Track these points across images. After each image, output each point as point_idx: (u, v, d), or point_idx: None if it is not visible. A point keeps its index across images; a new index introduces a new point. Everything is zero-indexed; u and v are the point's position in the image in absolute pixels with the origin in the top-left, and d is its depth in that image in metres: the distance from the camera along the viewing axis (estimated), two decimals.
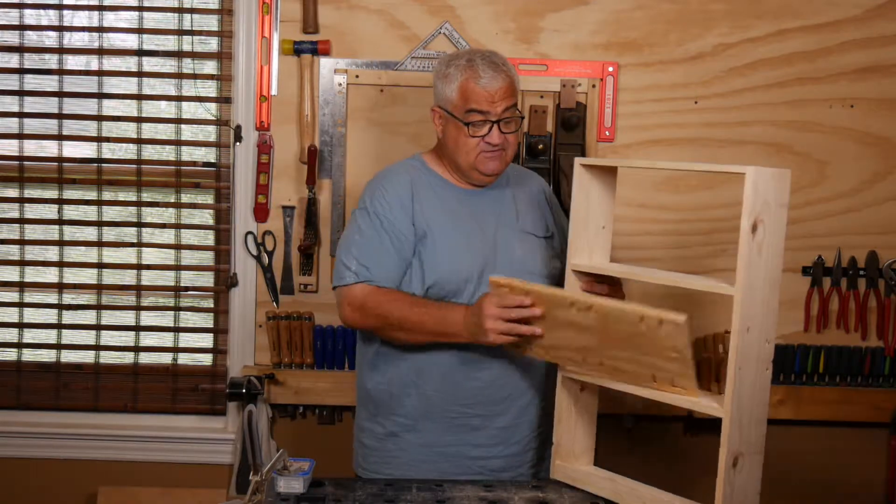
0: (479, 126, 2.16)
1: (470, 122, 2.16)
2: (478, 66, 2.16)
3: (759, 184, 1.74)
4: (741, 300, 1.75)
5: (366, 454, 2.32)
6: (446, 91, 2.19)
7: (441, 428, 2.24)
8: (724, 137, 2.96)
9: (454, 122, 2.18)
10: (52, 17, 3.00)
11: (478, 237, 2.23)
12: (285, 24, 2.91)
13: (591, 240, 2.04)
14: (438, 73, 2.23)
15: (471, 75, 2.16)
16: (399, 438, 2.26)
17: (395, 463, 2.26)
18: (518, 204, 2.31)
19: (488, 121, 2.16)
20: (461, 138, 2.18)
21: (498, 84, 2.15)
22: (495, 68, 2.16)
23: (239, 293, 3.00)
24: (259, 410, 2.80)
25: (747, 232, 1.73)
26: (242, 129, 2.95)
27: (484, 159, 2.19)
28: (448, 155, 2.24)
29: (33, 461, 3.07)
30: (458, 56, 2.22)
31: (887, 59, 2.94)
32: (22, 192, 3.04)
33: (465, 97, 2.16)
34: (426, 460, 2.24)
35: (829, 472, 3.09)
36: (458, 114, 2.17)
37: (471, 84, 2.15)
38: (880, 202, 2.98)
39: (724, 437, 1.77)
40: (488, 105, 2.15)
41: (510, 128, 2.19)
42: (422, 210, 2.22)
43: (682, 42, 2.93)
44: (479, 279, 2.20)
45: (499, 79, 2.16)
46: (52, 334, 3.09)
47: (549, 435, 2.23)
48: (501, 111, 2.16)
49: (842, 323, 3.01)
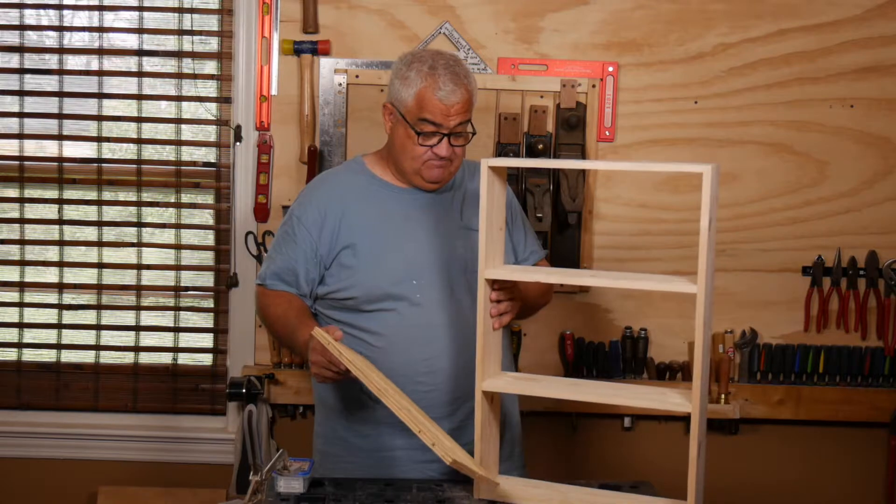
0: (428, 136, 2.11)
1: (421, 131, 2.11)
2: (439, 77, 2.10)
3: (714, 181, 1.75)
4: (704, 299, 1.76)
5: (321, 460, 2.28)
6: (403, 93, 2.13)
7: (390, 432, 2.19)
8: (724, 137, 2.96)
9: (405, 126, 2.13)
10: (52, 17, 3.00)
11: (412, 239, 2.20)
12: (285, 24, 2.91)
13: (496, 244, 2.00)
14: (398, 72, 2.16)
15: (430, 84, 2.10)
16: (349, 444, 2.24)
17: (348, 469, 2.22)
18: (464, 200, 2.27)
19: (439, 133, 2.11)
20: (409, 144, 2.14)
21: (456, 98, 2.10)
22: (456, 81, 2.11)
23: (239, 293, 3.00)
24: (259, 410, 2.80)
25: (706, 230, 1.75)
26: (242, 129, 2.95)
27: (430, 167, 2.15)
28: (394, 155, 2.20)
29: (33, 461, 3.07)
30: (421, 59, 2.14)
31: (887, 59, 2.94)
32: (22, 192, 3.04)
33: (421, 106, 2.10)
34: (377, 465, 2.21)
35: (828, 472, 3.09)
36: (410, 119, 2.12)
37: (428, 94, 2.10)
38: (880, 202, 2.99)
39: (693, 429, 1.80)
40: (442, 118, 2.10)
41: (459, 141, 2.14)
42: (348, 224, 2.19)
43: (682, 42, 2.93)
44: (419, 281, 2.17)
45: (458, 93, 2.10)
46: (53, 334, 3.09)
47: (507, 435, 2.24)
48: (454, 125, 2.12)
49: (842, 323, 3.02)
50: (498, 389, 1.98)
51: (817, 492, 3.09)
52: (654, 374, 3.01)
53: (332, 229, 2.20)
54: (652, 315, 2.99)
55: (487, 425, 2.00)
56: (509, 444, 2.31)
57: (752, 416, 2.99)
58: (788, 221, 2.99)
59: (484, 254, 1.94)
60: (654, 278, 1.95)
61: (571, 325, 2.99)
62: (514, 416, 2.35)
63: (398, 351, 2.17)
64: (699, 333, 1.80)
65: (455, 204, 2.27)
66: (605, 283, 1.97)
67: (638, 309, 3.00)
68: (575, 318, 2.99)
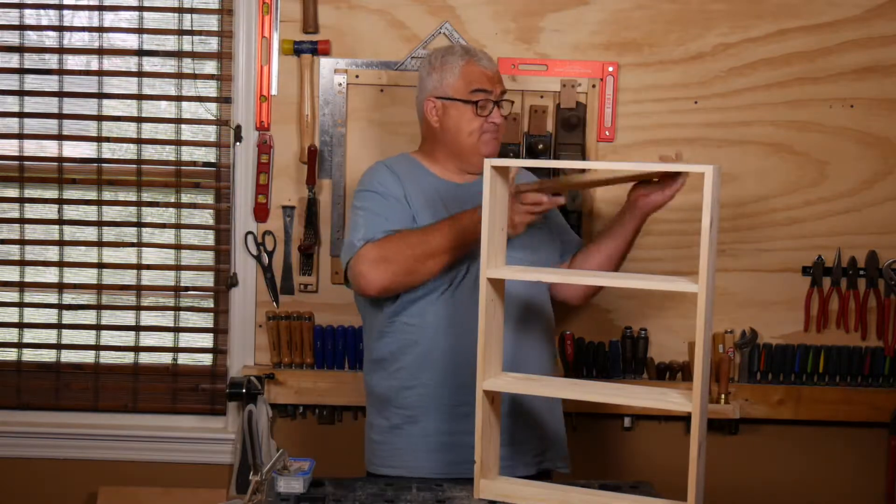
0: (483, 106, 2.29)
1: (476, 101, 2.29)
2: (473, 53, 2.35)
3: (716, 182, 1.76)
4: (705, 299, 1.77)
5: (374, 449, 2.36)
6: (447, 78, 2.32)
7: (441, 418, 2.26)
8: (724, 137, 2.96)
9: (456, 106, 2.31)
10: (52, 17, 3.00)
11: None
12: (285, 24, 2.91)
13: (498, 244, 2.01)
14: (433, 66, 2.36)
15: (470, 59, 2.33)
16: (402, 430, 2.29)
17: (400, 455, 2.29)
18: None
19: (490, 100, 2.30)
20: (464, 121, 2.30)
21: (494, 67, 2.37)
22: (488, 57, 2.38)
23: (239, 293, 3.00)
24: (259, 410, 2.80)
25: (707, 230, 1.75)
26: (242, 129, 2.95)
27: (486, 141, 2.31)
28: (447, 143, 2.34)
29: (33, 461, 3.07)
30: (448, 49, 2.39)
31: (887, 59, 2.94)
32: (22, 192, 3.04)
33: (469, 79, 2.31)
34: (429, 450, 2.26)
35: (828, 472, 3.09)
36: (461, 96, 2.30)
37: (472, 66, 2.32)
38: (880, 202, 2.98)
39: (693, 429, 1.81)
40: (490, 84, 2.31)
41: (505, 110, 2.35)
42: (409, 197, 2.29)
43: (682, 42, 2.93)
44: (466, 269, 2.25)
45: (493, 63, 2.37)
46: (52, 334, 3.09)
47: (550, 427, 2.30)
48: (499, 93, 2.33)
49: (842, 323, 3.01)
50: (498, 389, 1.98)
51: (817, 492, 3.09)
52: (654, 374, 3.01)
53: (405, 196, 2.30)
54: (652, 315, 2.99)
55: (488, 425, 2.00)
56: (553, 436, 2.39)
57: (752, 416, 2.99)
58: (788, 221, 2.99)
59: (485, 253, 1.94)
60: (655, 278, 1.95)
61: (571, 325, 2.99)
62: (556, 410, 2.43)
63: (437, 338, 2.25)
64: (700, 333, 1.80)
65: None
66: (605, 283, 1.97)
67: (638, 309, 3.00)
68: (575, 318, 2.99)
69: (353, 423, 3.05)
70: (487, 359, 1.97)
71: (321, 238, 2.96)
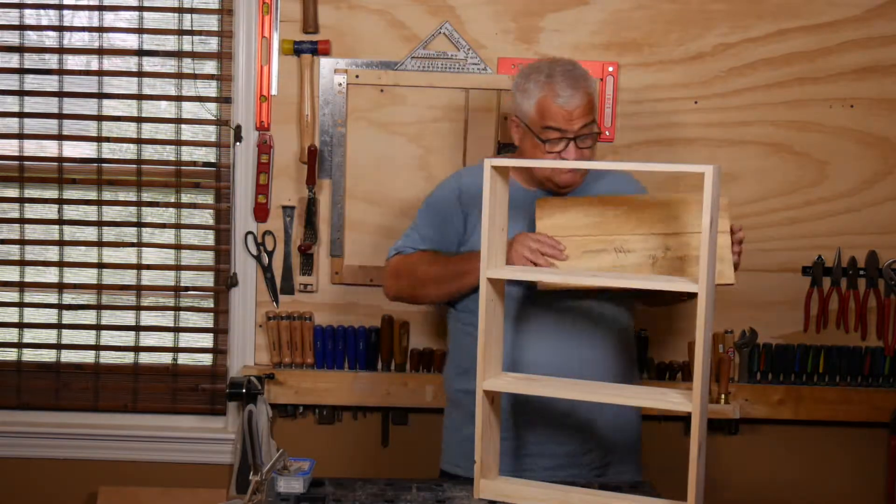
0: (555, 143, 2.19)
1: (546, 139, 2.19)
2: (556, 84, 2.18)
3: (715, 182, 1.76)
4: (705, 299, 1.77)
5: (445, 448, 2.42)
6: (524, 105, 2.23)
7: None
8: (724, 137, 2.96)
9: (531, 137, 2.23)
10: (52, 17, 3.00)
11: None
12: (285, 24, 2.91)
13: (498, 244, 2.01)
14: (518, 86, 2.26)
15: (549, 93, 2.18)
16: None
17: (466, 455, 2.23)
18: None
19: (565, 138, 2.18)
20: (537, 153, 2.22)
21: (576, 103, 2.18)
22: (574, 85, 2.18)
23: (239, 293, 3.00)
24: (259, 410, 2.80)
25: (706, 229, 1.76)
26: (242, 129, 2.95)
27: (559, 173, 2.21)
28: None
29: (33, 461, 3.07)
30: (538, 70, 2.23)
31: (887, 59, 2.94)
32: (22, 192, 3.04)
33: (543, 114, 2.19)
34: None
35: (828, 472, 3.09)
36: (534, 129, 2.21)
37: (548, 101, 2.18)
38: (880, 202, 2.98)
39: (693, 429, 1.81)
40: (565, 123, 2.18)
41: (586, 143, 2.21)
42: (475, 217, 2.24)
43: (682, 42, 2.93)
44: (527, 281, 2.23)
45: (577, 97, 2.18)
46: (52, 334, 3.09)
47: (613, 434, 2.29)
48: (578, 128, 2.19)
49: (842, 323, 3.01)
50: (498, 389, 1.98)
51: (817, 492, 3.09)
52: (654, 374, 3.01)
53: (463, 216, 2.31)
54: (652, 315, 2.99)
55: (487, 425, 2.00)
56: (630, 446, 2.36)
57: (752, 416, 2.99)
58: (788, 221, 2.99)
59: (486, 254, 1.94)
60: (655, 278, 1.95)
61: None
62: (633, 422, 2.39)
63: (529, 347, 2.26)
64: (700, 333, 1.80)
65: None
66: (605, 283, 1.97)
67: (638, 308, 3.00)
68: None
69: (353, 423, 3.05)
70: (487, 359, 1.97)
71: (321, 238, 2.96)
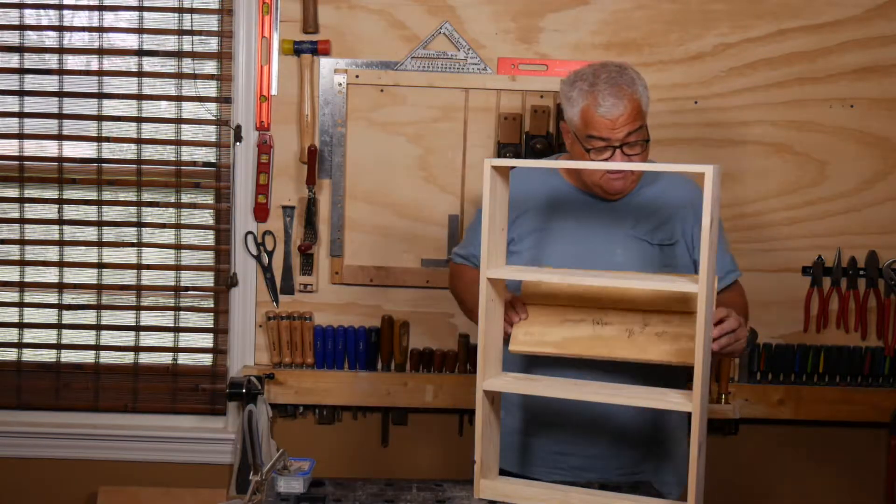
0: (600, 151, 2.14)
1: (591, 147, 2.14)
2: (598, 93, 2.12)
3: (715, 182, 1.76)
4: (705, 299, 1.77)
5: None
6: (570, 112, 2.18)
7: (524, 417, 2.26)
8: (724, 137, 2.96)
9: (578, 144, 2.18)
10: (52, 17, 3.00)
11: (573, 241, 2.23)
12: (285, 24, 2.91)
13: (498, 244, 2.00)
14: (564, 93, 2.20)
15: (591, 102, 2.12)
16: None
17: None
18: (640, 209, 2.26)
19: (610, 146, 2.13)
20: (585, 160, 2.16)
21: (619, 111, 2.11)
22: (618, 94, 2.11)
23: (239, 293, 3.00)
24: (259, 410, 2.80)
25: (707, 229, 1.76)
26: (242, 129, 2.95)
27: (608, 180, 2.17)
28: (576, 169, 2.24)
29: (33, 461, 3.07)
30: (583, 77, 2.17)
31: (887, 59, 2.94)
32: (22, 192, 3.04)
33: (586, 123, 2.14)
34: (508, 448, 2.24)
35: (828, 472, 3.09)
36: (580, 136, 2.16)
37: (591, 111, 2.12)
38: (880, 202, 2.98)
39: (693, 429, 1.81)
40: (609, 132, 2.12)
41: (634, 150, 2.15)
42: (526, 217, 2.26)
43: (682, 42, 2.93)
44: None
45: (620, 105, 2.11)
46: (52, 334, 3.09)
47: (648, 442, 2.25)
48: (624, 136, 2.12)
49: (842, 323, 3.01)
50: (498, 389, 1.98)
51: (817, 492, 3.09)
52: None
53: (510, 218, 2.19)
54: None
55: (487, 425, 2.00)
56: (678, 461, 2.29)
57: (752, 416, 2.99)
58: (788, 221, 2.99)
59: (486, 254, 1.93)
60: (655, 278, 1.95)
61: None
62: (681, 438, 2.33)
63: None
64: (700, 333, 1.80)
65: (626, 211, 2.26)
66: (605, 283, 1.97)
67: None
68: None
69: (352, 423, 3.05)
70: (487, 359, 1.97)
71: (321, 238, 2.96)
